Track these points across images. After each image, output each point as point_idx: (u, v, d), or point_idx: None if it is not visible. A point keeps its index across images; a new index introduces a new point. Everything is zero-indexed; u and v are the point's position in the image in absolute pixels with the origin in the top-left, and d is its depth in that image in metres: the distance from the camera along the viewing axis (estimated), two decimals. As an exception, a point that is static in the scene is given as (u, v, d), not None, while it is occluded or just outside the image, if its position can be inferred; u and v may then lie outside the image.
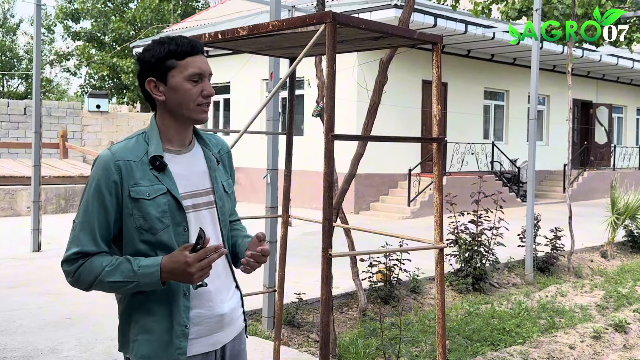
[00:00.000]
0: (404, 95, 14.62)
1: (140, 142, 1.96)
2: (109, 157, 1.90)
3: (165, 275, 1.85)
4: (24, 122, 17.88)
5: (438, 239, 2.91)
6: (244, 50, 3.53)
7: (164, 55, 1.95)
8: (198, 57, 1.97)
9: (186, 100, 1.96)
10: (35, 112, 8.95)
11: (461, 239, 7.46)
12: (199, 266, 1.82)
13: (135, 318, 1.95)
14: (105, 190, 1.88)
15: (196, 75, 1.96)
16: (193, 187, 2.00)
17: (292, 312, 5.89)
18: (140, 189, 1.90)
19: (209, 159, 2.08)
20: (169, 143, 2.00)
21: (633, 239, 10.46)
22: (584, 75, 20.34)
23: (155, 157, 1.93)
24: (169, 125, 2.00)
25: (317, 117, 6.39)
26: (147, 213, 1.89)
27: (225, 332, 2.06)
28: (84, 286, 1.90)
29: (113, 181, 1.88)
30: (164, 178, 1.93)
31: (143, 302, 1.94)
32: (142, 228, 1.90)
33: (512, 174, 17.03)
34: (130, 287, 1.87)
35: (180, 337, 1.93)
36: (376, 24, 2.73)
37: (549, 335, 5.73)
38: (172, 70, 1.95)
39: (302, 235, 10.30)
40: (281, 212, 3.77)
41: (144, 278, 1.85)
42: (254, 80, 15.57)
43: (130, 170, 1.90)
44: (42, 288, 6.72)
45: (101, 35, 28.32)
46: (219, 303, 2.02)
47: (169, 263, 1.85)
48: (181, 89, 1.95)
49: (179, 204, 1.94)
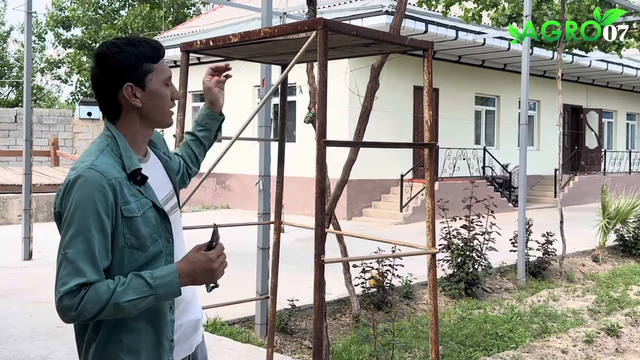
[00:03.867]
0: (395, 101, 14.66)
1: (113, 155, 1.82)
2: (100, 177, 1.74)
3: (185, 280, 1.76)
4: (15, 130, 17.80)
5: (430, 244, 2.91)
6: (236, 57, 3.54)
7: (141, 58, 1.83)
8: (164, 59, 1.91)
9: (162, 105, 1.89)
10: (26, 119, 8.92)
11: (453, 244, 7.47)
12: (220, 261, 1.78)
13: (118, 338, 1.81)
14: (103, 213, 1.72)
15: (169, 79, 1.90)
16: (163, 193, 1.94)
17: (285, 318, 5.88)
18: (131, 207, 1.78)
19: (163, 159, 2.02)
20: (136, 152, 1.89)
21: (624, 243, 10.51)
22: (574, 81, 20.47)
23: (135, 171, 1.82)
24: (137, 133, 1.88)
25: (309, 124, 6.39)
26: (138, 231, 1.79)
27: (197, 335, 2.06)
28: (88, 316, 1.69)
29: (110, 203, 1.74)
30: (147, 191, 1.84)
31: (126, 321, 1.80)
32: (133, 246, 1.79)
33: (504, 179, 17.09)
34: (146, 303, 1.73)
35: (168, 352, 1.88)
36: (367, 30, 2.74)
37: (541, 339, 5.74)
38: (149, 74, 1.84)
39: (295, 242, 10.29)
40: (273, 219, 3.77)
41: (162, 289, 1.73)
42: (245, 87, 15.57)
43: (121, 188, 1.77)
44: (33, 296, 6.68)
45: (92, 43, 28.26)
46: (192, 308, 2.01)
47: (187, 266, 1.76)
48: (159, 93, 1.87)
49: (164, 214, 1.87)
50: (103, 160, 1.78)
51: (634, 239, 10.38)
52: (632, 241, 10.42)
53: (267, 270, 5.30)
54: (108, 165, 1.78)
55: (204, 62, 16.03)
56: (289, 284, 6.88)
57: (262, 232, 5.57)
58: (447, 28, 13.79)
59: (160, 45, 1.90)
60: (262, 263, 5.54)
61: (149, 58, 1.84)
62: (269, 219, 5.50)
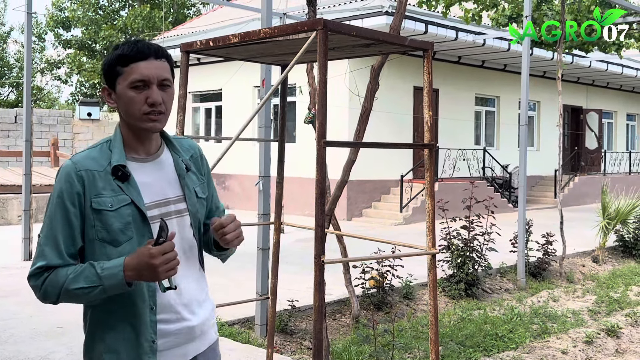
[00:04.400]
0: (395, 101, 14.66)
1: (104, 150, 1.88)
2: (71, 167, 1.83)
3: (130, 273, 1.75)
4: (15, 130, 17.81)
5: (430, 244, 2.91)
6: (236, 57, 3.54)
7: (112, 61, 1.87)
8: (143, 62, 1.85)
9: (131, 109, 1.86)
10: (25, 120, 8.92)
11: (453, 244, 7.47)
12: (163, 259, 1.72)
13: (100, 336, 1.87)
14: (68, 202, 1.81)
15: (138, 82, 1.84)
16: (161, 196, 1.92)
17: (284, 319, 5.88)
18: (102, 200, 1.82)
19: (178, 165, 1.99)
20: (134, 151, 1.91)
21: (624, 243, 10.51)
22: (574, 81, 20.47)
23: (117, 166, 1.85)
24: (129, 134, 1.91)
25: (309, 124, 6.39)
26: (109, 225, 1.82)
27: (196, 343, 2.00)
28: (52, 299, 1.81)
29: (76, 192, 1.81)
30: (128, 188, 1.85)
31: (107, 319, 1.85)
32: (105, 240, 1.82)
33: (504, 180, 17.09)
34: (96, 293, 1.77)
35: (149, 353, 1.86)
36: (367, 31, 2.74)
37: (541, 340, 5.74)
38: (118, 77, 1.87)
39: (295, 242, 10.29)
40: (273, 219, 3.77)
41: (108, 280, 1.75)
42: (245, 87, 15.56)
43: (93, 180, 1.82)
44: (33, 297, 6.57)
45: (92, 43, 28.28)
46: (187, 314, 1.95)
47: (132, 260, 1.75)
48: (124, 97, 1.86)
49: (143, 215, 1.86)
50: (88, 153, 1.87)
51: (634, 239, 10.38)
52: (632, 242, 10.41)
53: (267, 270, 5.30)
54: (88, 158, 1.85)
55: (204, 63, 16.03)
56: (289, 284, 6.88)
57: (262, 232, 5.57)
58: (447, 29, 13.79)
59: (134, 48, 1.87)
60: (262, 263, 5.54)
61: (119, 61, 1.86)
62: (268, 219, 5.50)
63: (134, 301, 1.85)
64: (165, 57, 1.91)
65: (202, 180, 2.08)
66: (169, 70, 1.92)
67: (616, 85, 22.52)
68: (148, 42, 1.91)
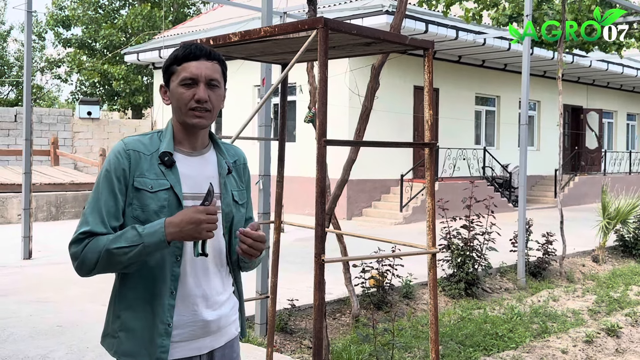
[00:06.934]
0: (395, 100, 14.66)
1: (154, 139, 2.02)
2: (122, 146, 1.97)
3: (171, 230, 1.84)
4: (15, 129, 17.80)
5: (430, 244, 2.91)
6: (236, 56, 3.53)
7: (169, 62, 2.02)
8: (195, 62, 1.98)
9: (180, 104, 1.99)
10: (25, 119, 8.91)
11: (453, 244, 7.47)
12: (208, 217, 1.84)
13: (118, 313, 1.97)
14: (114, 176, 1.93)
15: (188, 80, 1.98)
16: (199, 189, 2.00)
17: (284, 318, 5.88)
18: (144, 180, 1.93)
19: (220, 165, 2.09)
20: (181, 144, 2.03)
21: (624, 243, 10.51)
22: (574, 81, 20.46)
23: (165, 152, 1.97)
24: (178, 128, 2.04)
25: (310, 123, 6.38)
26: (145, 205, 1.93)
27: (212, 338, 2.04)
28: (89, 266, 1.88)
29: (122, 168, 1.93)
30: (170, 174, 1.96)
31: (127, 297, 1.95)
32: (139, 219, 1.92)
33: (504, 179, 17.08)
34: (135, 252, 1.85)
35: (163, 336, 1.92)
36: (368, 29, 2.74)
37: (541, 340, 5.74)
38: (172, 75, 2.02)
39: (295, 241, 10.29)
40: (273, 218, 3.76)
41: (148, 238, 1.84)
42: (246, 86, 15.57)
43: (139, 160, 1.95)
44: (32, 296, 6.68)
45: (92, 42, 28.24)
46: (204, 309, 2.00)
47: (176, 217, 1.86)
48: (175, 93, 2.00)
49: (179, 201, 1.95)
50: (139, 138, 2.02)
51: (634, 239, 10.38)
52: (632, 241, 10.41)
53: (267, 269, 5.30)
54: (137, 141, 1.99)
55: (204, 62, 15.98)
56: (289, 283, 6.88)
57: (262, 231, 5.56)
58: (447, 28, 13.78)
59: (187, 49, 2.00)
60: (262, 263, 5.53)
61: (174, 61, 2.01)
62: (269, 218, 5.50)
63: (155, 282, 1.93)
64: (217, 59, 2.04)
65: (242, 187, 2.17)
66: (220, 72, 2.04)
67: (616, 85, 22.51)
68: (202, 45, 2.03)
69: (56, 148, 17.05)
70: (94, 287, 6.57)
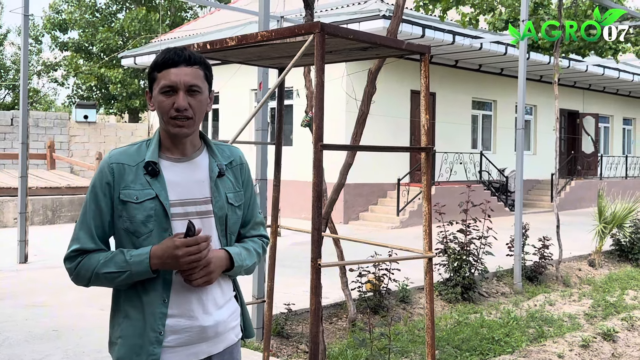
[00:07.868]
0: (392, 105, 14.68)
1: (142, 148, 2.02)
2: (106, 160, 2.00)
3: (155, 261, 1.90)
4: (11, 132, 17.77)
5: (427, 248, 2.91)
6: (233, 60, 3.53)
7: (151, 68, 2.01)
8: (174, 69, 1.95)
9: (161, 112, 1.98)
10: (22, 122, 8.90)
11: (450, 248, 7.47)
12: (186, 251, 1.86)
13: (117, 321, 2.01)
14: (100, 191, 1.97)
15: (167, 87, 1.95)
16: (188, 195, 2.00)
17: (281, 322, 5.87)
18: (129, 192, 1.95)
19: (211, 169, 2.06)
20: (169, 151, 2.03)
21: (620, 247, 10.52)
22: (571, 86, 20.51)
23: (149, 162, 1.97)
24: (164, 135, 2.03)
25: (306, 127, 6.38)
26: (132, 216, 1.94)
27: (210, 344, 2.02)
28: (84, 282, 1.97)
29: (106, 183, 1.96)
30: (155, 183, 1.96)
31: (123, 306, 1.99)
32: (128, 230, 1.95)
33: (500, 184, 17.10)
34: (124, 277, 1.91)
35: (154, 344, 1.93)
36: (364, 34, 2.74)
37: (537, 344, 5.74)
38: (153, 83, 1.99)
39: (291, 246, 10.28)
40: (270, 222, 3.76)
41: (135, 266, 1.90)
42: (242, 90, 15.56)
43: (123, 173, 1.96)
44: (28, 300, 6.66)
45: (89, 46, 28.24)
46: (201, 314, 1.99)
47: (158, 249, 1.90)
48: (156, 101, 1.99)
49: (165, 210, 1.95)
50: (125, 149, 2.02)
51: (630, 243, 10.39)
52: (628, 246, 10.43)
53: (264, 274, 5.29)
54: (123, 153, 2.00)
55: (201, 66, 15.99)
56: (286, 287, 6.87)
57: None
58: (444, 32, 13.81)
59: (165, 55, 1.97)
60: (258, 267, 5.52)
61: (155, 68, 1.99)
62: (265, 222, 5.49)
63: (146, 290, 1.95)
64: (198, 64, 1.98)
65: (238, 189, 2.13)
66: (201, 77, 1.99)
67: (612, 89, 22.57)
68: (183, 50, 1.99)
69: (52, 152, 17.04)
70: (90, 292, 6.50)
